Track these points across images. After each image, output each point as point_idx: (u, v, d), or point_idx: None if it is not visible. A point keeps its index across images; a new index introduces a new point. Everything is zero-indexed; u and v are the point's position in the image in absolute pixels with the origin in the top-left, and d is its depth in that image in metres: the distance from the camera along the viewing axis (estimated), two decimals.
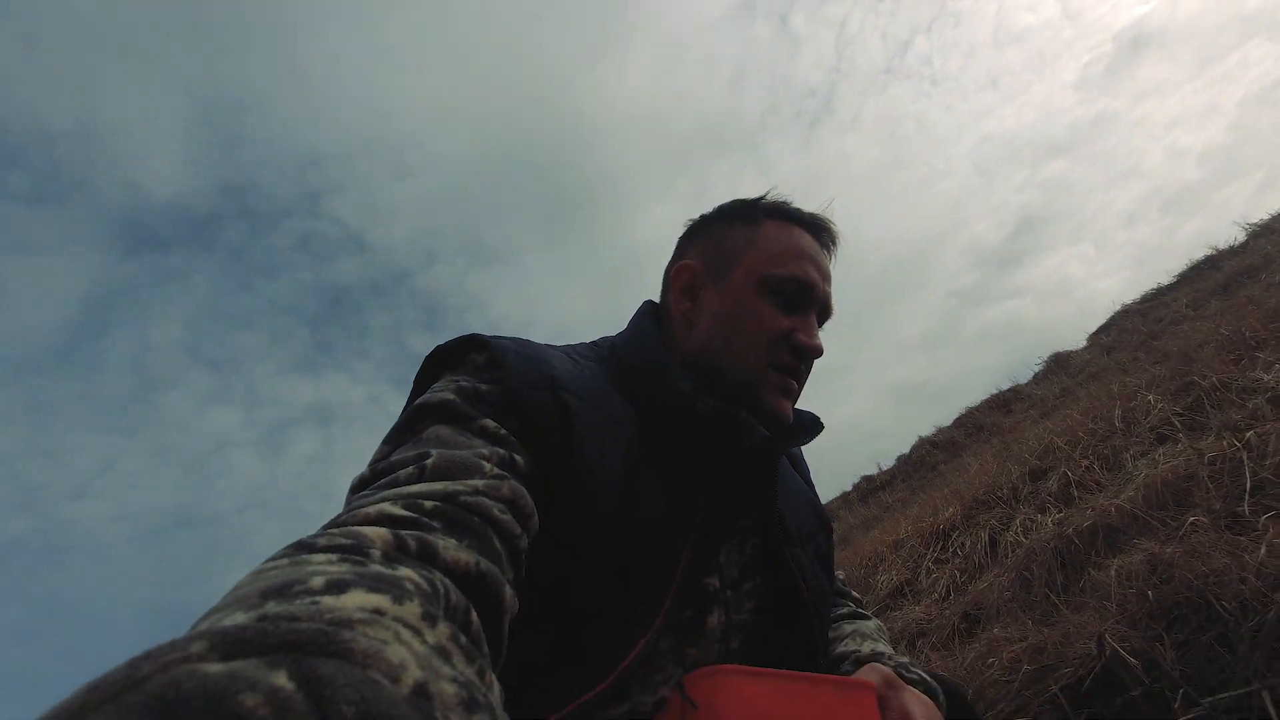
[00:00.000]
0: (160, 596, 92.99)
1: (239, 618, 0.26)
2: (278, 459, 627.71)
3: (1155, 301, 5.54)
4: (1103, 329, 6.06)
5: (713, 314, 0.73)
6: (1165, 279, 5.88)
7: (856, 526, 5.02)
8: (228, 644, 0.20)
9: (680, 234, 0.82)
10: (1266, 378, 1.96)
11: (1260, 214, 5.52)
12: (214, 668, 0.19)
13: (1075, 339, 6.29)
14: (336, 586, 0.29)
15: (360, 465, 0.55)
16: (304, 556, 0.34)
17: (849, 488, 6.98)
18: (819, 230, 0.77)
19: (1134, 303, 6.01)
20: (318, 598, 0.28)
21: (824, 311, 0.76)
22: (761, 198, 0.78)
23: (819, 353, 0.72)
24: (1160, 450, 2.02)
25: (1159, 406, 2.35)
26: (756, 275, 0.72)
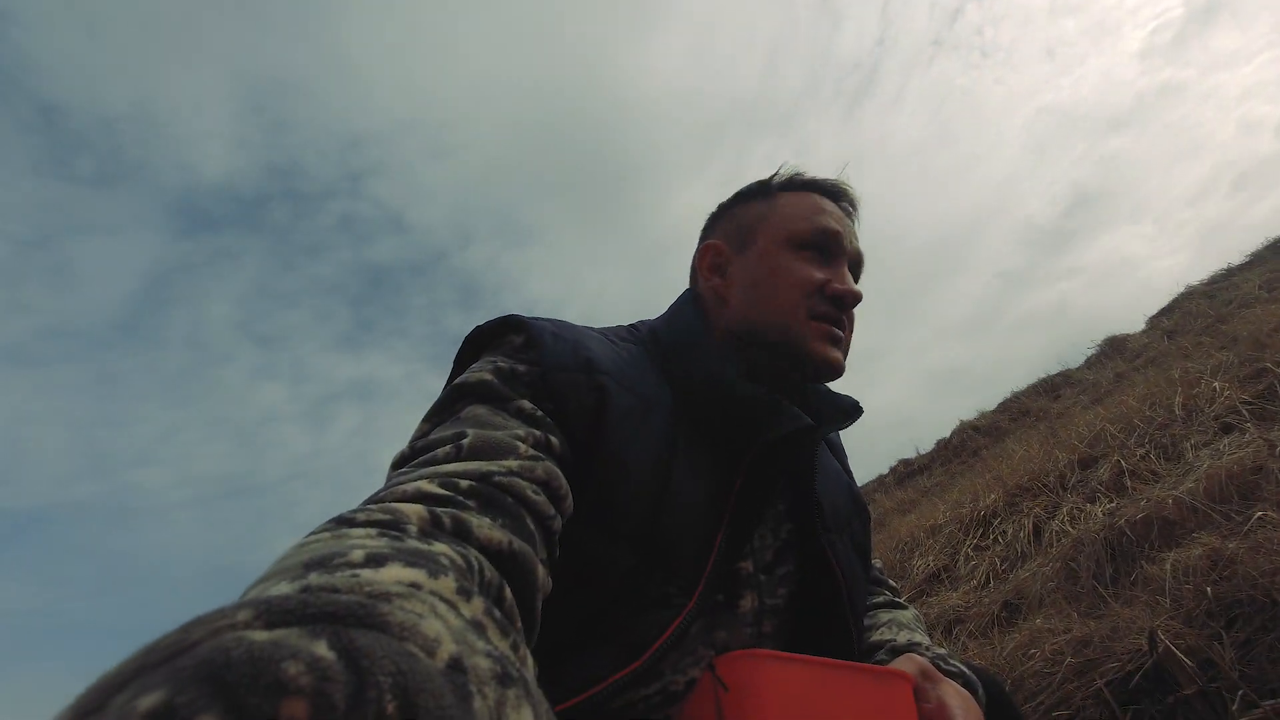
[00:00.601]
0: (217, 558, 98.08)
1: (283, 588, 0.27)
2: (322, 433, 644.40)
3: (1224, 283, 5.20)
4: (1164, 311, 5.74)
5: (744, 282, 0.74)
6: (1236, 258, 5.51)
7: (893, 510, 4.93)
8: (272, 613, 0.21)
9: (703, 226, 0.84)
10: None
11: None
12: (259, 635, 0.19)
13: (1133, 322, 5.97)
14: (375, 560, 0.30)
15: (398, 440, 0.56)
16: (344, 530, 0.34)
17: (885, 471, 6.86)
18: (835, 193, 0.77)
19: (1200, 284, 5.66)
20: (357, 570, 0.28)
21: (855, 264, 0.76)
22: (774, 174, 0.78)
23: (857, 298, 0.72)
24: (1225, 440, 1.90)
25: (1225, 394, 2.21)
26: (782, 235, 0.72)
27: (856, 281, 0.76)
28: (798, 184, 0.77)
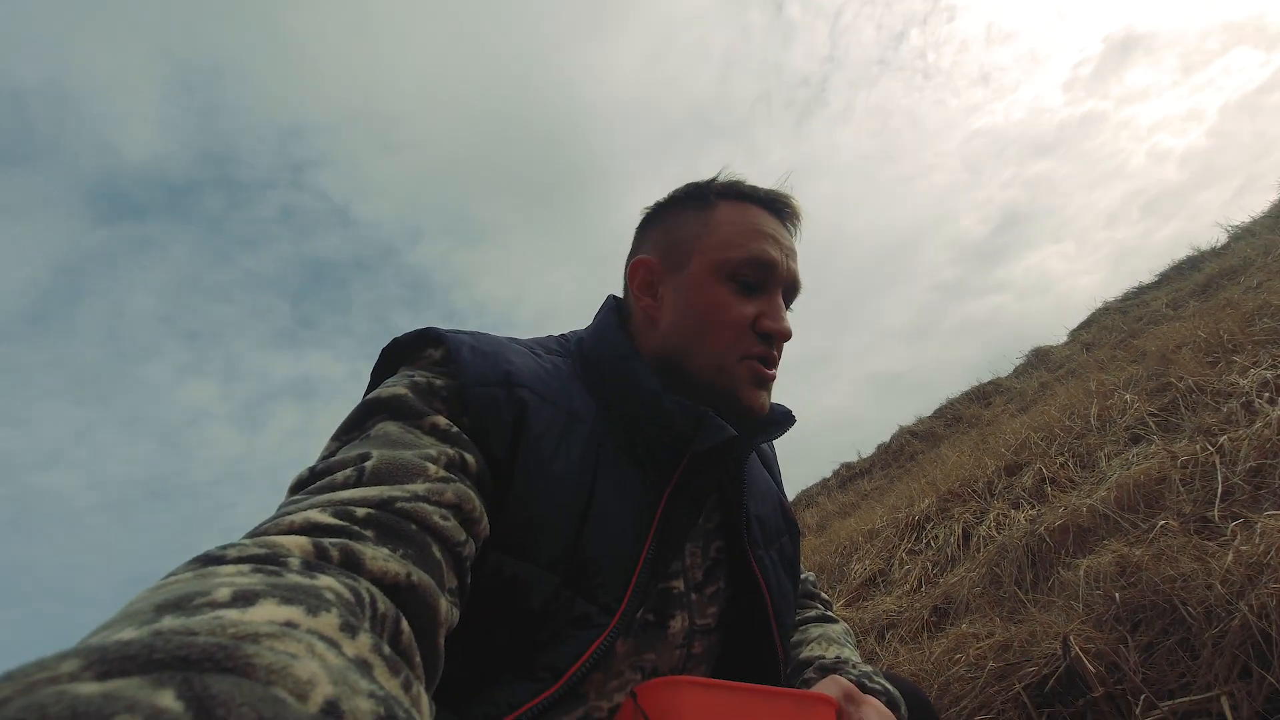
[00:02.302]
0: (137, 564, 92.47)
1: (128, 634, 0.23)
2: (256, 432, 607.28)
3: (1136, 300, 5.60)
4: (1083, 325, 6.13)
5: (675, 307, 0.70)
6: (1147, 277, 5.95)
7: (834, 513, 5.07)
8: (107, 661, 0.18)
9: (637, 227, 0.79)
10: (1242, 382, 1.97)
11: (1242, 217, 5.58)
12: (87, 688, 0.16)
13: (1056, 334, 6.36)
14: (244, 599, 0.26)
15: None
16: (211, 569, 0.31)
17: (828, 474, 7.05)
18: (777, 206, 0.73)
19: (1115, 300, 6.07)
20: (221, 611, 0.25)
21: (791, 290, 0.72)
22: (714, 179, 0.73)
23: (788, 336, 0.69)
24: (1134, 450, 2.03)
25: (1135, 406, 2.36)
26: (713, 261, 0.68)
27: (791, 303, 0.73)
28: (737, 193, 0.72)
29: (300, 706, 0.19)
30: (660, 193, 0.77)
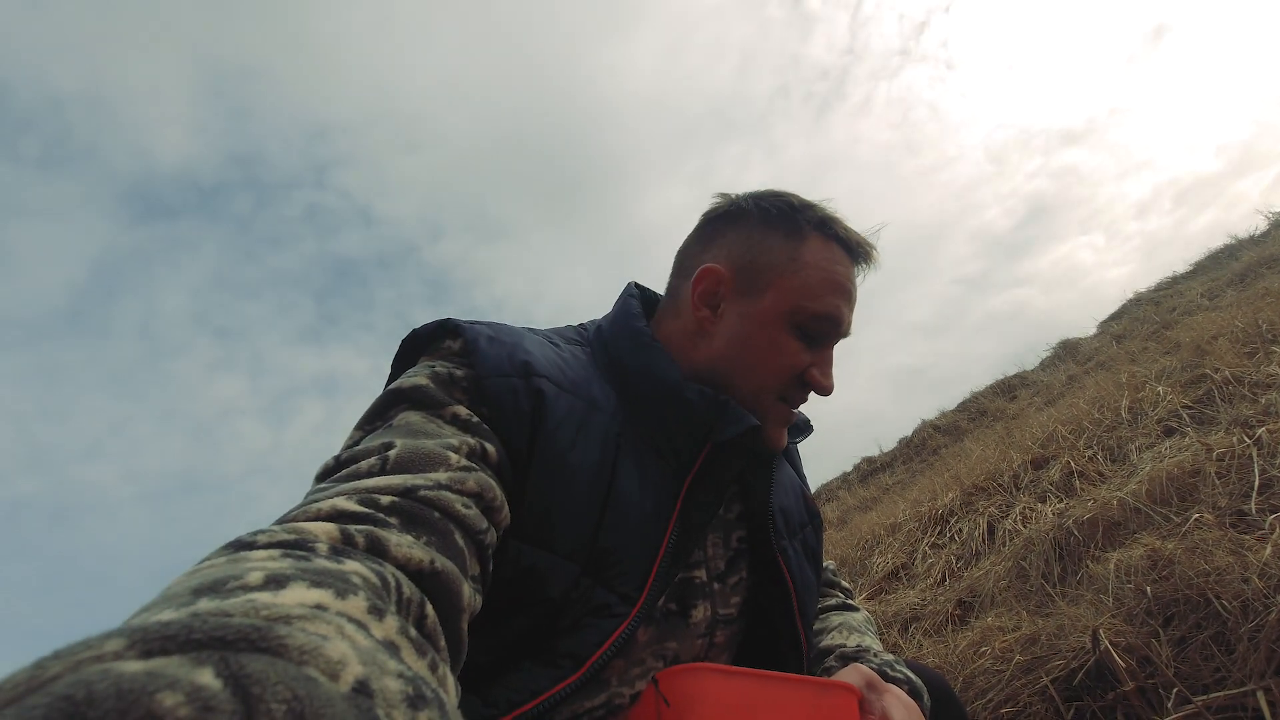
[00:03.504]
0: (170, 555, 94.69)
1: (167, 615, 0.24)
2: (283, 427, 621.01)
3: (1169, 290, 5.44)
4: (1114, 317, 5.98)
5: (733, 333, 0.69)
6: (1181, 267, 5.77)
7: (855, 507, 5.02)
8: (149, 641, 0.19)
9: (706, 213, 0.75)
10: None
11: None
12: (131, 666, 0.17)
13: (1085, 326, 6.22)
14: (276, 582, 0.28)
15: None
16: (242, 554, 0.32)
17: (849, 468, 6.99)
18: (859, 255, 0.72)
19: (1147, 291, 5.91)
20: (254, 594, 0.26)
21: (841, 339, 0.74)
22: (812, 205, 0.71)
23: (829, 393, 0.70)
24: (1167, 443, 1.98)
25: (1168, 398, 2.30)
26: (788, 305, 0.67)
27: (835, 343, 0.74)
28: (830, 232, 0.70)
29: (332, 685, 0.20)
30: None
